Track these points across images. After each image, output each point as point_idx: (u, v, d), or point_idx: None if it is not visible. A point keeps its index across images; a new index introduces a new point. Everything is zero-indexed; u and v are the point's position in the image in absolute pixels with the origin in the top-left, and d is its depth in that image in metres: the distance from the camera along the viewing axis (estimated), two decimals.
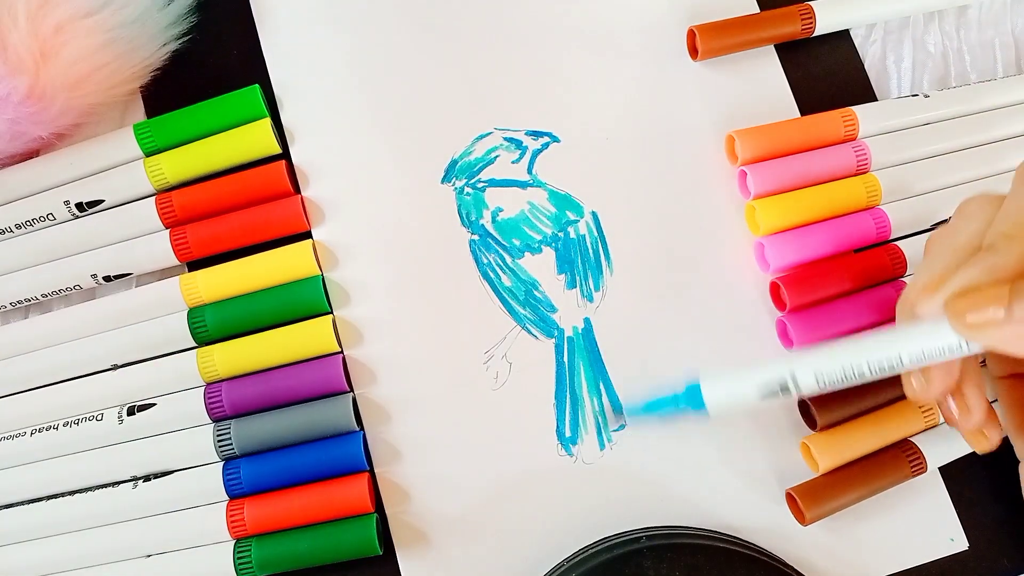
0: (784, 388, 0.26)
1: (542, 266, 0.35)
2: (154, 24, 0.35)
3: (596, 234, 0.35)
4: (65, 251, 0.35)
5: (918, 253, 0.33)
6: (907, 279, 0.34)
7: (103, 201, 0.35)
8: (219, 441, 0.32)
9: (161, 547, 0.32)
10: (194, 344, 0.34)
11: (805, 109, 0.37)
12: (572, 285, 0.35)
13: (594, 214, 0.35)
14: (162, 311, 0.34)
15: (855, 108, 0.35)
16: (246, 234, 0.34)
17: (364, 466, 0.32)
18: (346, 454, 0.32)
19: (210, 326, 0.33)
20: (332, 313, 0.34)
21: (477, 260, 0.35)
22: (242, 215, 0.34)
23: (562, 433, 0.33)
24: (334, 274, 0.35)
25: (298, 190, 0.35)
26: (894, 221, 0.34)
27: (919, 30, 0.38)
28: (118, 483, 0.32)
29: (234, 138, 0.35)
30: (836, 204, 0.34)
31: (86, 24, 0.33)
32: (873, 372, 0.26)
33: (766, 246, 0.34)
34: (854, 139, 0.35)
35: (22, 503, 0.33)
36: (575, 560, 0.31)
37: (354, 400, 0.33)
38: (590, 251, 0.35)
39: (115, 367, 0.34)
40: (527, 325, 0.34)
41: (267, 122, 0.35)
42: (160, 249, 0.34)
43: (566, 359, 0.34)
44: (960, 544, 0.32)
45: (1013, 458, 0.30)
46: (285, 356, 0.33)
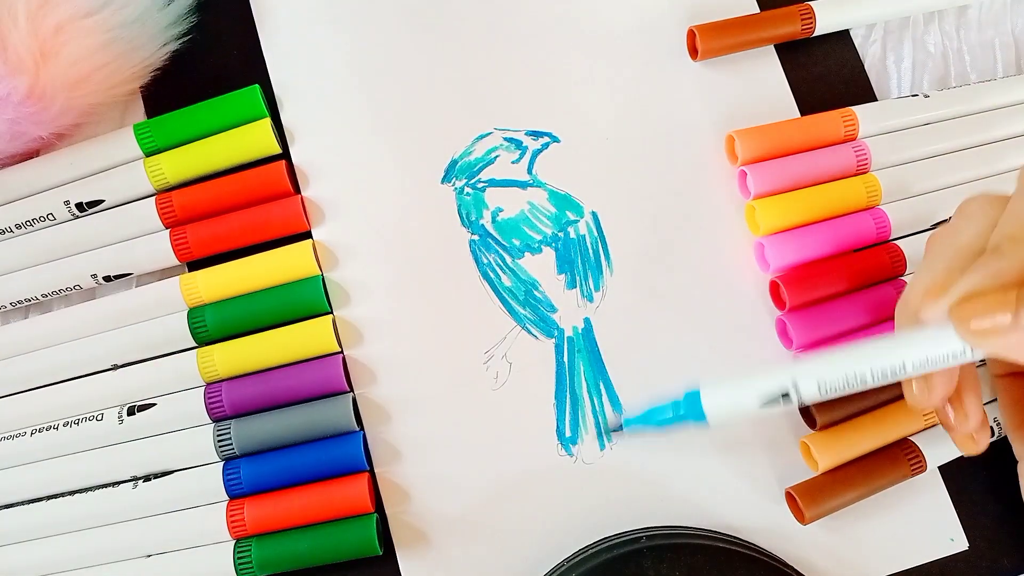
0: (786, 397, 0.26)
1: (542, 266, 0.35)
2: (154, 24, 0.35)
3: (596, 234, 0.35)
4: (65, 251, 0.35)
5: (918, 253, 0.33)
6: (907, 278, 0.34)
7: (103, 201, 0.35)
8: (219, 441, 0.32)
9: (161, 547, 0.32)
10: (194, 344, 0.34)
11: (805, 109, 0.37)
12: (572, 285, 0.35)
13: (594, 214, 0.35)
14: (162, 311, 0.34)
15: (855, 108, 0.35)
16: (246, 234, 0.34)
17: (364, 466, 0.32)
18: (346, 454, 0.32)
19: (210, 326, 0.33)
20: (332, 313, 0.34)
21: (477, 260, 0.35)
22: (242, 215, 0.34)
23: (562, 433, 0.33)
24: (334, 274, 0.35)
25: (298, 190, 0.35)
26: (894, 221, 0.34)
27: (919, 30, 0.38)
28: (118, 483, 0.32)
29: (234, 138, 0.35)
30: (836, 204, 0.34)
31: (86, 24, 0.33)
32: (876, 379, 0.25)
33: (766, 246, 0.34)
34: (854, 139, 0.35)
35: (22, 503, 0.33)
36: (575, 560, 0.31)
37: (354, 400, 0.33)
38: (590, 251, 0.35)
39: (115, 367, 0.34)
40: (527, 325, 0.34)
41: (267, 122, 0.35)
42: (160, 249, 0.34)
43: (566, 359, 0.34)
44: (960, 544, 0.32)
45: (1013, 458, 0.30)
46: (285, 356, 0.33)
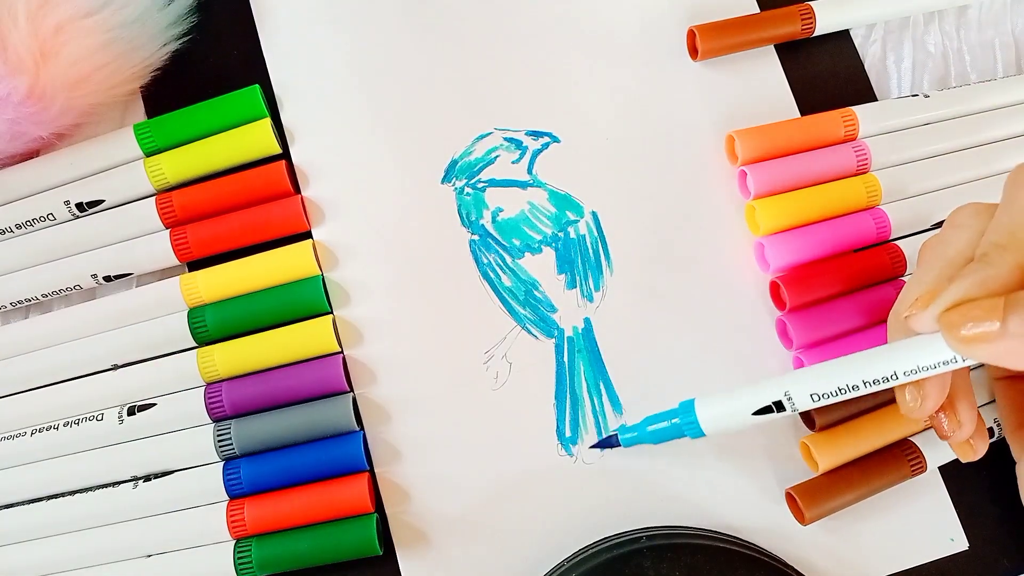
0: (779, 407, 0.27)
1: (542, 266, 0.35)
2: (154, 24, 0.35)
3: (596, 234, 0.35)
4: (65, 251, 0.35)
5: (918, 253, 0.33)
6: (907, 278, 0.34)
7: (103, 201, 0.35)
8: (219, 441, 0.32)
9: (161, 547, 0.32)
10: (194, 344, 0.34)
11: (805, 109, 0.37)
12: (572, 285, 0.35)
13: (594, 214, 0.35)
14: (162, 311, 0.34)
15: (855, 108, 0.35)
16: (246, 234, 0.34)
17: (364, 466, 0.32)
18: (346, 454, 0.32)
19: (210, 326, 0.33)
20: (332, 313, 0.34)
21: (477, 260, 0.35)
22: (242, 215, 0.34)
23: (562, 433, 0.33)
24: (334, 274, 0.35)
25: (298, 190, 0.35)
26: (894, 221, 0.34)
27: (919, 30, 0.38)
28: (118, 483, 0.32)
29: (234, 138, 0.35)
30: (836, 204, 0.34)
31: (86, 24, 0.33)
32: (868, 388, 0.26)
33: (766, 246, 0.34)
34: (854, 139, 0.35)
35: (22, 503, 0.33)
36: (575, 560, 0.31)
37: (354, 400, 0.33)
38: (590, 251, 0.35)
39: (115, 367, 0.34)
40: (527, 325, 0.34)
41: (267, 122, 0.35)
42: (160, 249, 0.34)
43: (566, 359, 0.34)
44: (960, 544, 0.32)
45: (1012, 458, 0.30)
46: (285, 356, 0.33)
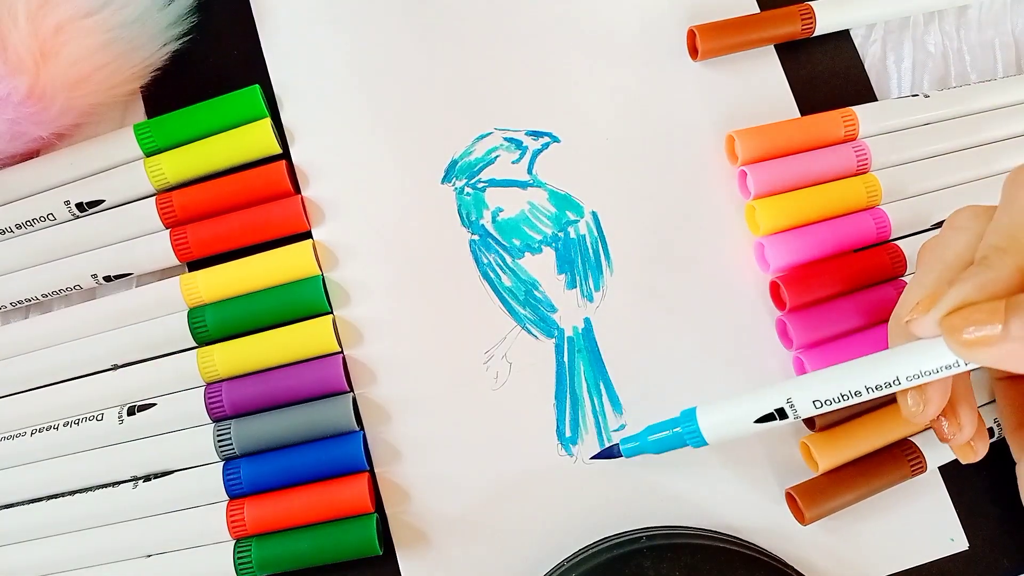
0: (782, 415, 0.27)
1: (542, 266, 0.35)
2: (154, 24, 0.35)
3: (596, 234, 0.35)
4: (65, 251, 0.35)
5: (917, 255, 0.33)
6: (907, 279, 0.34)
7: (103, 201, 0.35)
8: (219, 441, 0.32)
9: (161, 547, 0.32)
10: (194, 344, 0.34)
11: (805, 109, 0.37)
12: (572, 285, 0.35)
13: (594, 214, 0.35)
14: (162, 311, 0.34)
15: (855, 108, 0.35)
16: (246, 234, 0.34)
17: (364, 466, 0.32)
18: (346, 454, 0.32)
19: (210, 326, 0.33)
20: (332, 313, 0.34)
21: (477, 260, 0.35)
22: (242, 215, 0.34)
23: (562, 433, 0.33)
24: (334, 274, 0.35)
25: (298, 190, 0.35)
26: (894, 221, 0.34)
27: (919, 30, 0.38)
28: (118, 483, 0.32)
29: (234, 138, 0.35)
30: (836, 204, 0.34)
31: (86, 24, 0.33)
32: (871, 393, 0.26)
33: (766, 246, 0.34)
34: (854, 139, 0.35)
35: (22, 503, 0.33)
36: (575, 560, 0.31)
37: (354, 400, 0.33)
38: (590, 251, 0.35)
39: (115, 367, 0.34)
40: (527, 325, 0.34)
41: (267, 122, 0.35)
42: (160, 249, 0.34)
43: (566, 359, 0.34)
44: (960, 544, 0.32)
45: (1012, 459, 0.30)
46: (285, 356, 0.33)
